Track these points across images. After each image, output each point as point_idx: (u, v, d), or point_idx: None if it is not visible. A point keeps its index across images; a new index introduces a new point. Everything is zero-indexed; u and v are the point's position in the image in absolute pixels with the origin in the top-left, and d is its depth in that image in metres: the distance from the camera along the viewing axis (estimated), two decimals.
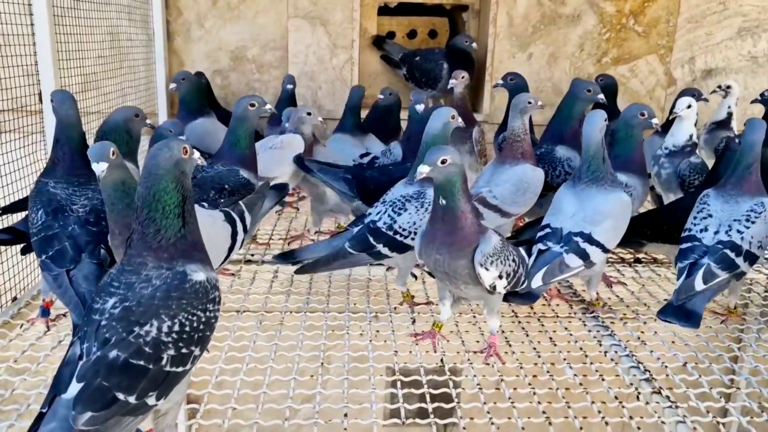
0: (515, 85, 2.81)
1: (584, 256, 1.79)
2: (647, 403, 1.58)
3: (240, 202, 1.87)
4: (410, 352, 1.77)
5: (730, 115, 3.09)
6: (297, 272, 1.95)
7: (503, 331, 1.88)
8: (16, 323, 1.89)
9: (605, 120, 1.86)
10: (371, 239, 1.87)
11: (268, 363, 1.68)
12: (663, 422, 1.48)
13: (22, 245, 1.96)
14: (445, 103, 3.38)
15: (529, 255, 1.82)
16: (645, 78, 3.70)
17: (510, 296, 1.76)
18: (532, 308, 2.07)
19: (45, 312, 1.86)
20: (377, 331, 1.89)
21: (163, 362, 1.11)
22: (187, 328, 1.14)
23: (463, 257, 1.56)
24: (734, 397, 1.64)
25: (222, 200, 2.13)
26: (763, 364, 1.73)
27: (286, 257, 1.98)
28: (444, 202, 1.54)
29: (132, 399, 1.08)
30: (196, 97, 2.94)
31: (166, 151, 1.19)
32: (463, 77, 2.74)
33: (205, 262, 1.24)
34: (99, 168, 1.37)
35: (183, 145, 1.22)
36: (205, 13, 3.54)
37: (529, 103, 2.12)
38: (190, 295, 1.16)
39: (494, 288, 1.60)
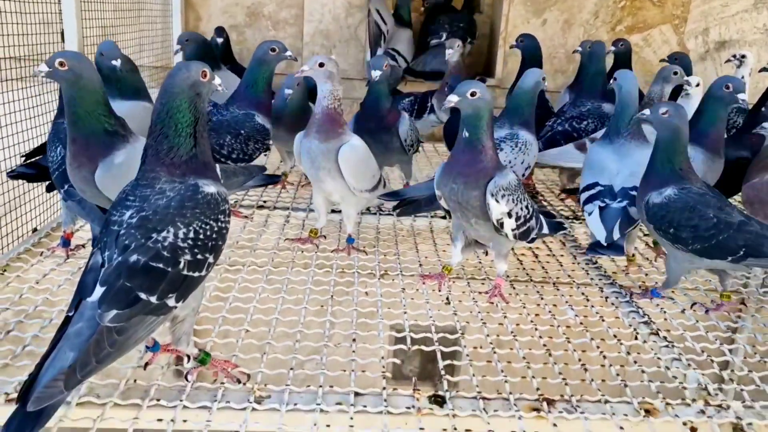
0: (526, 46, 2.91)
1: None
2: (645, 342, 1.63)
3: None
4: (417, 289, 1.83)
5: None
6: (398, 214, 2.02)
7: (508, 276, 1.93)
8: (36, 251, 1.96)
9: None
10: None
11: (280, 294, 1.74)
12: (659, 358, 1.53)
13: (47, 183, 2.01)
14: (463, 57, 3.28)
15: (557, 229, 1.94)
16: (658, 48, 3.71)
17: (599, 248, 1.85)
18: (537, 256, 2.13)
19: (66, 243, 1.94)
20: (385, 271, 1.95)
21: (181, 266, 1.17)
22: (201, 236, 1.20)
23: (477, 188, 1.61)
24: (730, 339, 1.69)
25: (238, 145, 2.17)
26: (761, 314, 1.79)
27: (391, 195, 2.06)
28: (467, 134, 1.60)
29: (153, 299, 1.14)
30: (203, 56, 2.79)
31: (184, 71, 1.24)
32: (458, 45, 2.84)
33: (215, 179, 1.29)
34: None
35: (202, 69, 1.26)
36: None
37: (674, 73, 2.21)
38: (203, 205, 1.22)
39: (502, 225, 1.64)
